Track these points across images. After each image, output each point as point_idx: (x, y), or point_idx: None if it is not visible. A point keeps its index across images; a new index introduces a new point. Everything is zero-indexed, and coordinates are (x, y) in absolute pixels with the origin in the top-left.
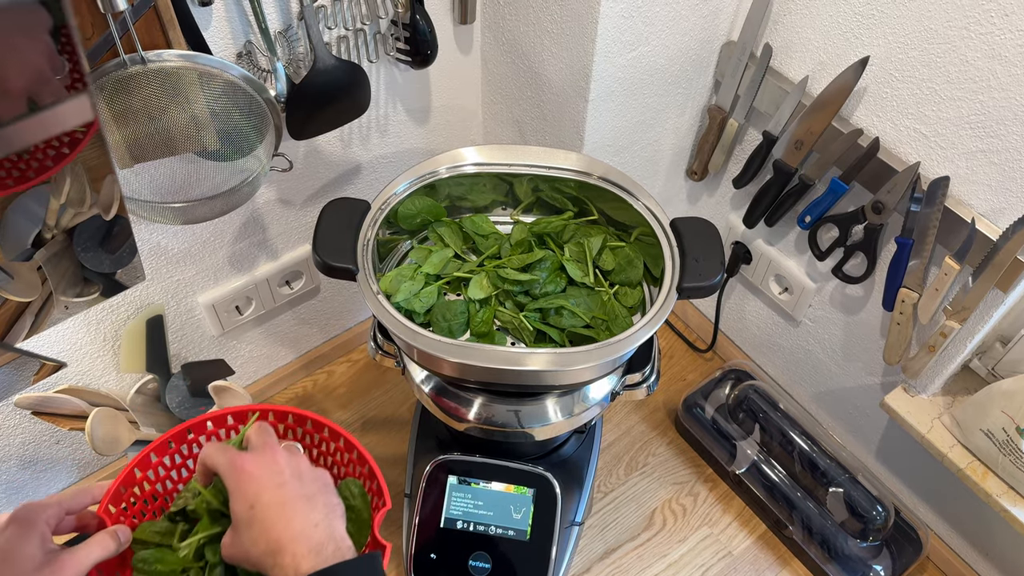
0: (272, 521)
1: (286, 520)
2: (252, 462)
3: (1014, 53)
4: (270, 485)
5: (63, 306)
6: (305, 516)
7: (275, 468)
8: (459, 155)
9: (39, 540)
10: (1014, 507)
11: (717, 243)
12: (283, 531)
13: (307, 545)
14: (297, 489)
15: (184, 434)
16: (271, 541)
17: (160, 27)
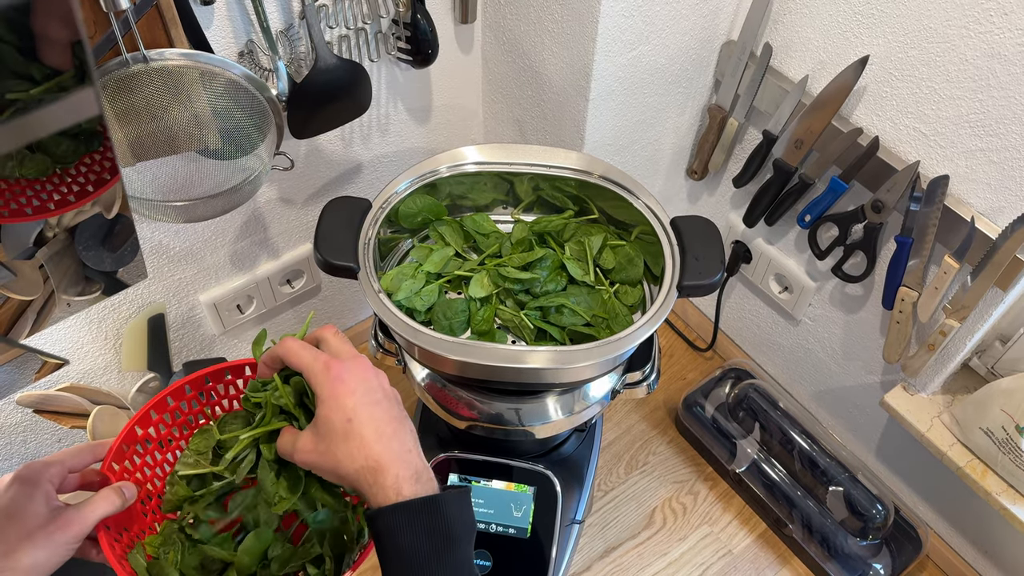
0: (372, 439)
1: (386, 440)
2: (349, 372)
3: (1013, 52)
4: (367, 401)
5: (65, 304)
6: (401, 440)
7: (370, 384)
8: (460, 154)
9: (43, 497)
10: (1013, 505)
11: (717, 242)
12: (383, 451)
13: (407, 469)
14: (391, 410)
15: (183, 390)
16: (371, 459)
17: (162, 26)
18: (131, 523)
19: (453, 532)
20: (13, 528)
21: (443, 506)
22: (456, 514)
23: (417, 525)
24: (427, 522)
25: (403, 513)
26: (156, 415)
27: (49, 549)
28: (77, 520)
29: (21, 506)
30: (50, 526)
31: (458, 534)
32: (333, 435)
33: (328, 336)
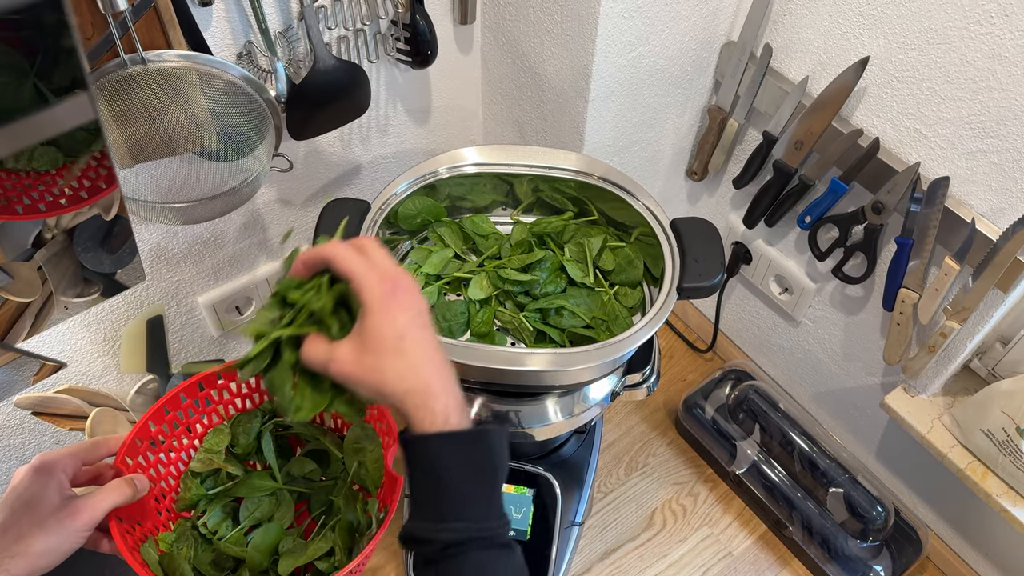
0: (423, 361)
1: (436, 367)
2: (403, 289)
3: (1014, 53)
4: (419, 323)
5: (63, 306)
6: (448, 370)
7: (421, 307)
8: (459, 155)
9: (57, 487)
10: (1014, 507)
11: (717, 243)
12: (434, 376)
13: (456, 400)
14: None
15: (196, 388)
16: (421, 381)
17: (160, 27)
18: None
19: (494, 466)
20: (27, 515)
21: (487, 440)
22: (497, 450)
23: (461, 456)
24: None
25: (452, 442)
26: (170, 411)
27: (60, 536)
28: (88, 508)
29: (35, 494)
30: (61, 513)
31: (498, 469)
32: (383, 350)
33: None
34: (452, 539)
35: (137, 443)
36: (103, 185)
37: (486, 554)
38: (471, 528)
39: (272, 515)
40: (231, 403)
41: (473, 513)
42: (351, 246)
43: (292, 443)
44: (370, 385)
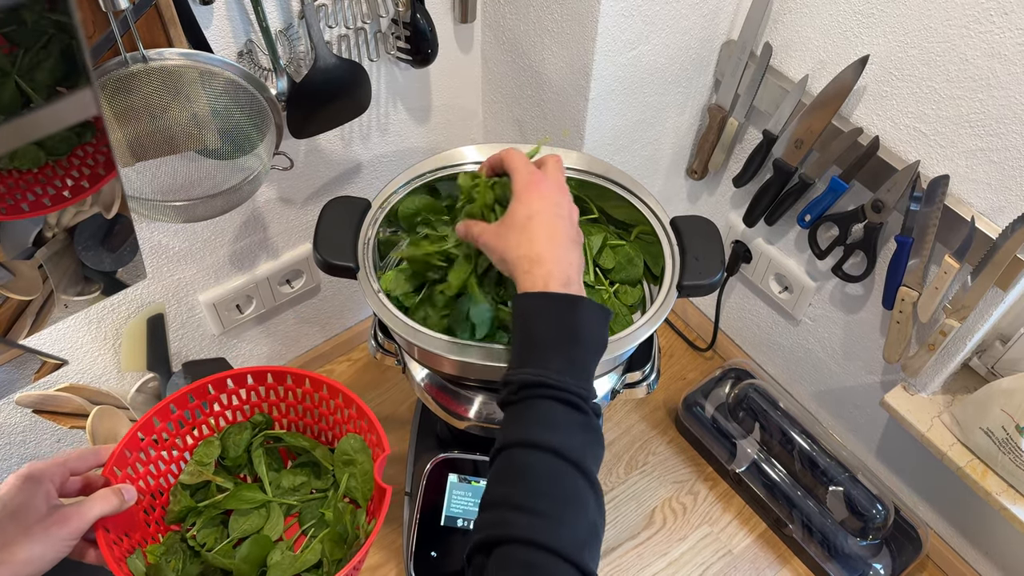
0: (542, 238)
1: (553, 245)
2: (546, 183)
3: (1014, 52)
4: (552, 212)
5: (64, 304)
6: (566, 251)
7: (560, 200)
8: (460, 154)
9: (44, 495)
10: (1014, 505)
11: (717, 242)
12: (546, 250)
13: (561, 273)
14: (568, 230)
15: (185, 398)
16: (533, 251)
17: (161, 25)
18: (132, 529)
19: (580, 332)
20: (12, 523)
21: (579, 308)
22: (588, 320)
23: (550, 314)
24: (559, 314)
25: (541, 300)
26: (159, 422)
27: (45, 544)
28: (74, 517)
29: (22, 503)
30: (47, 521)
31: (584, 336)
32: (513, 224)
33: (549, 161)
34: (525, 380)
35: (126, 454)
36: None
37: (557, 406)
38: (545, 375)
39: (261, 527)
40: (222, 415)
41: (551, 364)
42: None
43: (282, 455)
44: (496, 250)
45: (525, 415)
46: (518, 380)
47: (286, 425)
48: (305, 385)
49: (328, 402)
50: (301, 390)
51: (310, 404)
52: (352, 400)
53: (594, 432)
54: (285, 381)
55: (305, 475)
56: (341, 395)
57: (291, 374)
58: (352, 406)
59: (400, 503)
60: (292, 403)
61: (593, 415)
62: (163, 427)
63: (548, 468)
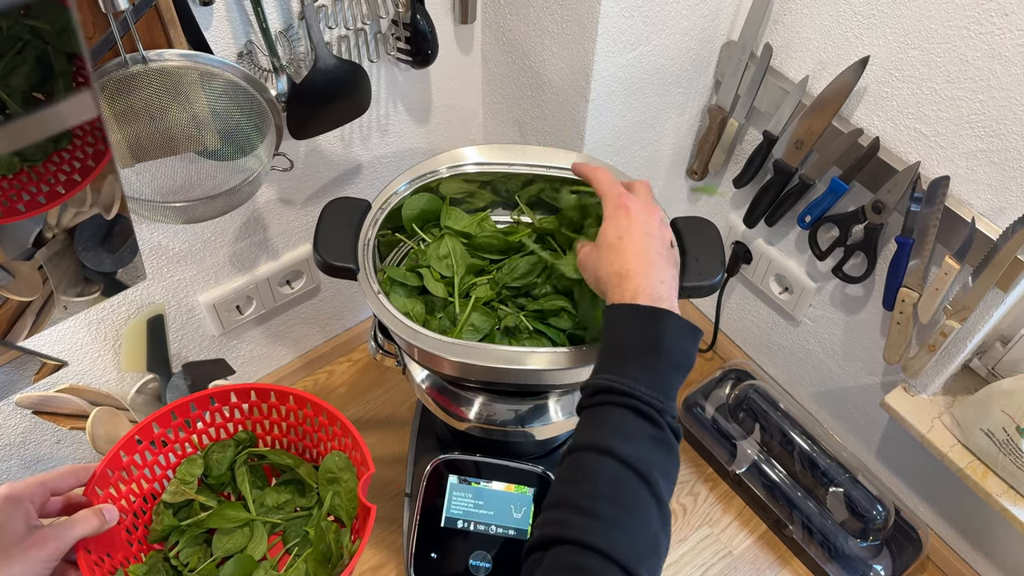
0: (631, 255)
1: (644, 263)
2: (634, 204)
3: (1014, 52)
4: (643, 231)
5: (63, 305)
6: (659, 271)
7: (650, 220)
8: (459, 155)
9: (23, 516)
10: (1014, 506)
11: (717, 243)
12: (637, 267)
13: (649, 287)
14: (660, 248)
15: (168, 417)
16: (624, 268)
17: (161, 26)
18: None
19: (663, 344)
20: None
21: (665, 321)
22: (673, 333)
23: (634, 324)
24: (642, 325)
25: (627, 311)
26: (142, 440)
27: (24, 566)
28: (54, 538)
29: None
30: (26, 542)
31: (666, 349)
32: (605, 245)
33: (638, 185)
34: (599, 385)
35: (108, 473)
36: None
37: (629, 415)
38: (619, 381)
39: (245, 547)
40: (205, 432)
41: (629, 372)
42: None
43: (267, 472)
44: (589, 268)
45: (597, 420)
46: (593, 384)
47: (270, 442)
48: (289, 402)
49: (313, 419)
50: (285, 407)
51: (294, 421)
52: (336, 418)
53: (667, 447)
54: (269, 398)
55: (289, 493)
56: (325, 412)
57: (275, 391)
58: (336, 423)
59: (400, 504)
60: (276, 420)
61: (669, 430)
62: (146, 445)
63: (612, 473)
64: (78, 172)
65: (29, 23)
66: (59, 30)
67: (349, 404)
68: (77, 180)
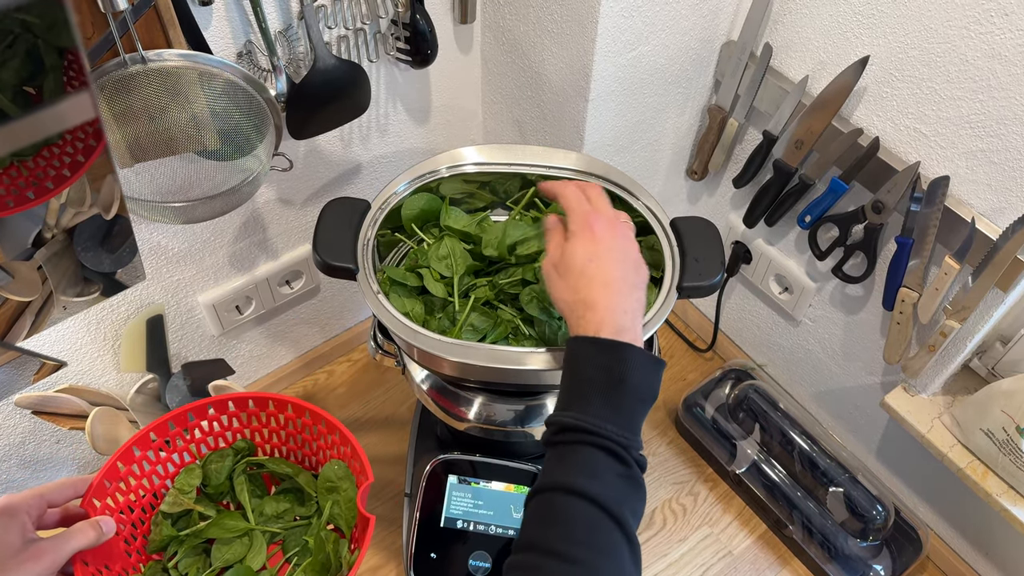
0: (599, 284)
1: (610, 291)
2: (603, 226)
3: (1014, 52)
4: (612, 257)
5: (63, 306)
6: (622, 297)
7: (617, 242)
8: (459, 155)
9: (19, 529)
10: (1014, 506)
11: (717, 243)
12: (602, 296)
13: (613, 320)
14: (628, 275)
15: (166, 426)
16: (589, 297)
17: (160, 27)
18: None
19: (627, 379)
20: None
21: (626, 353)
22: (638, 368)
23: (597, 358)
24: (606, 360)
25: (590, 345)
26: (139, 451)
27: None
28: (50, 551)
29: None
30: (23, 555)
31: (630, 385)
32: (569, 266)
33: (594, 194)
34: (566, 423)
35: (106, 484)
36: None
37: (598, 454)
38: (586, 421)
39: (244, 556)
40: (203, 441)
41: (594, 410)
42: (579, 188)
43: (266, 481)
44: (552, 289)
45: (566, 459)
46: (559, 422)
47: (269, 451)
48: (288, 410)
49: (311, 427)
50: (284, 415)
51: (293, 430)
52: (335, 426)
53: (635, 484)
54: (267, 407)
55: (288, 502)
56: (324, 420)
57: (273, 399)
58: (335, 432)
59: (400, 504)
60: (275, 428)
61: (636, 466)
62: (143, 455)
63: (586, 517)
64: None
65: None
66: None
67: (349, 404)
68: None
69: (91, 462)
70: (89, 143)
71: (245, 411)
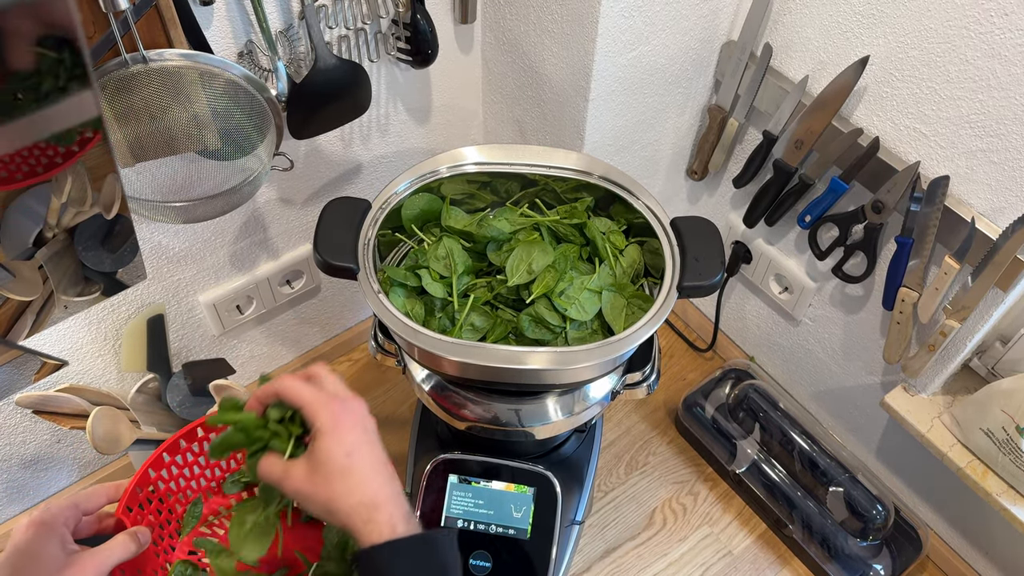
0: (370, 477)
1: (381, 481)
2: (349, 410)
3: (1014, 52)
4: (366, 440)
5: (64, 305)
6: (394, 482)
7: (367, 424)
8: (460, 154)
9: (59, 541)
10: (1014, 506)
11: (717, 242)
12: (379, 490)
13: (401, 510)
14: (382, 453)
15: (194, 433)
16: (367, 496)
17: (161, 26)
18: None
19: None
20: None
21: (436, 543)
22: (448, 550)
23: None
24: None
25: (400, 549)
26: (168, 457)
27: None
28: (92, 564)
29: (38, 550)
30: (67, 570)
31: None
32: (332, 468)
33: (323, 374)
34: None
35: (137, 491)
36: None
37: None
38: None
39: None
40: None
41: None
42: (300, 377)
43: None
44: (320, 501)
45: None
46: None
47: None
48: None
49: None
50: None
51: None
52: None
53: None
54: None
55: None
56: None
57: None
58: None
59: None
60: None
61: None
62: (172, 460)
63: None
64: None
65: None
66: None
67: None
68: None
69: (92, 462)
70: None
71: None
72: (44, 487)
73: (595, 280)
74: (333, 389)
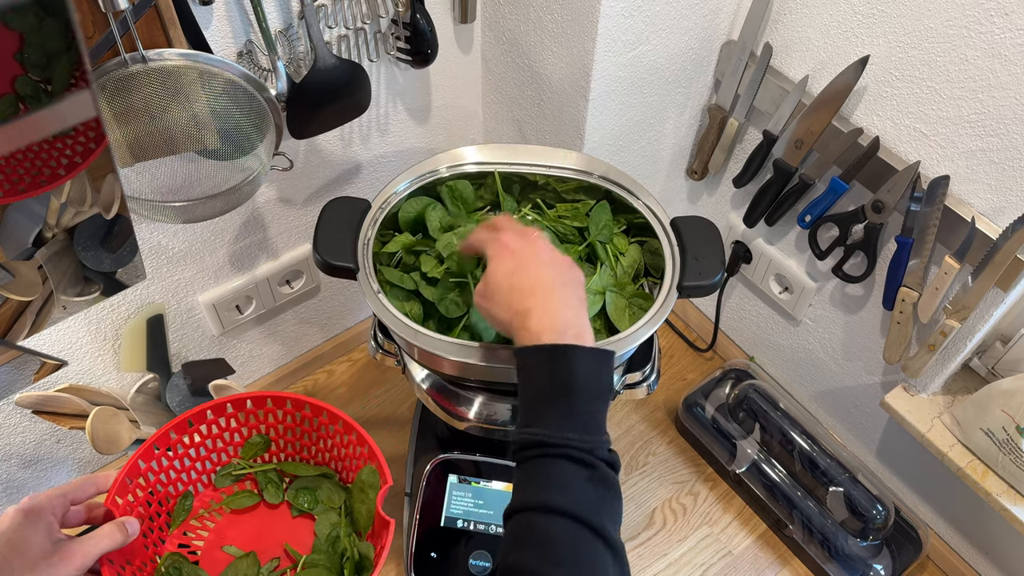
0: (527, 292)
1: (541, 295)
2: (514, 240)
3: (1014, 52)
4: (533, 263)
5: (63, 305)
6: (557, 298)
7: (536, 249)
8: (459, 154)
9: (46, 530)
10: (1014, 506)
11: (717, 242)
12: (536, 304)
13: (551, 322)
14: (558, 274)
15: (185, 424)
16: (523, 307)
17: (161, 26)
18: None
19: (575, 382)
20: (17, 559)
21: (571, 358)
22: (583, 368)
23: (544, 367)
24: (553, 368)
25: (534, 354)
26: (159, 449)
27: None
28: (80, 553)
29: (24, 538)
30: (53, 558)
31: (579, 386)
32: (497, 286)
33: (501, 222)
34: (526, 440)
35: (127, 481)
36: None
37: (564, 464)
38: (544, 434)
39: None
40: (219, 437)
41: (549, 421)
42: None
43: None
44: (489, 312)
45: (534, 476)
46: (520, 440)
47: (283, 445)
48: (305, 410)
49: (327, 427)
50: (300, 414)
51: (309, 428)
52: (352, 427)
53: (607, 485)
54: (284, 405)
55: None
56: (341, 421)
57: (291, 399)
58: (352, 432)
59: (400, 504)
60: (291, 426)
61: (605, 466)
62: (163, 452)
63: (564, 533)
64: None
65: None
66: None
67: (349, 404)
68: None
69: (91, 462)
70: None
71: (263, 409)
72: (44, 487)
73: (596, 281)
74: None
